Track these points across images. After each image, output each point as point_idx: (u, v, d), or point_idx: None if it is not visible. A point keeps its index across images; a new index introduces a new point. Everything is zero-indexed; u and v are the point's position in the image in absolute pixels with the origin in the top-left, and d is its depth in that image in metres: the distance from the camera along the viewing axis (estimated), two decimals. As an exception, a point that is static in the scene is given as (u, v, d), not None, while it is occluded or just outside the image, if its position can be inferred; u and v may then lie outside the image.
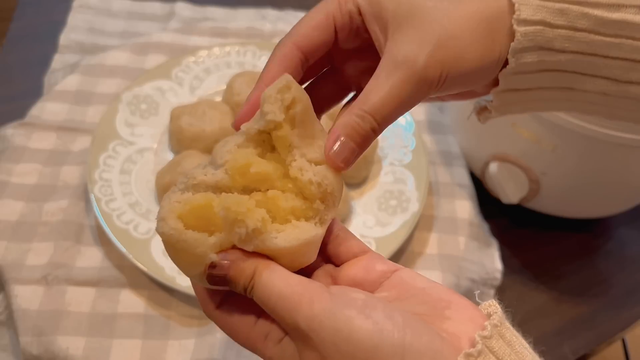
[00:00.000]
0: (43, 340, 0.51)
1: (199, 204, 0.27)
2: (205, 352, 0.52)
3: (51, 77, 0.75)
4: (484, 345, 0.25)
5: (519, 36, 0.30)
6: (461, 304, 0.27)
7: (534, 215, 0.66)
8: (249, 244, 0.26)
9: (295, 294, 0.26)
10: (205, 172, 0.28)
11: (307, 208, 0.29)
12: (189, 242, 0.26)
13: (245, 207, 0.26)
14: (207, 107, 0.66)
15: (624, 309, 0.62)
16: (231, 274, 0.27)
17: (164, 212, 0.27)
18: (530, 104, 0.35)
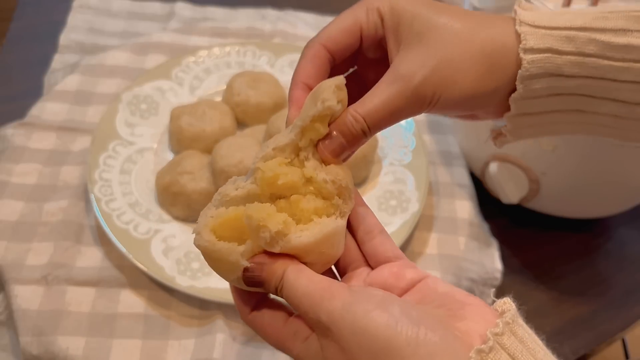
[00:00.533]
0: (43, 340, 0.51)
1: (229, 216, 0.30)
2: (205, 352, 0.52)
3: (51, 77, 0.75)
4: (495, 341, 0.25)
5: (526, 64, 0.32)
6: (475, 304, 0.28)
7: (534, 215, 0.66)
8: (275, 245, 0.29)
9: (318, 290, 0.28)
10: (236, 187, 0.31)
11: (328, 206, 0.31)
12: (222, 251, 0.29)
13: (266, 213, 0.29)
14: (207, 107, 0.66)
15: (624, 309, 0.62)
16: (264, 276, 0.29)
17: (199, 227, 0.30)
18: (544, 128, 0.36)
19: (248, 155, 0.59)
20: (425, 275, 0.31)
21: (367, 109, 0.31)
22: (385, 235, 0.33)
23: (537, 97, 0.33)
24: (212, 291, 0.53)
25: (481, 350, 0.25)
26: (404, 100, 0.31)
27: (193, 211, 0.59)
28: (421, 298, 0.30)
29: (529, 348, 0.26)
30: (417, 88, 0.31)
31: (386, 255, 0.32)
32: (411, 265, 0.32)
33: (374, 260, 0.33)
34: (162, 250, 0.56)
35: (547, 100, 0.33)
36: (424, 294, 0.30)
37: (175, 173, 0.59)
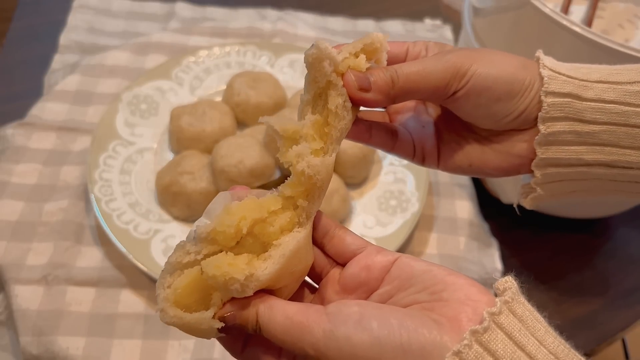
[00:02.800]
0: (43, 340, 0.51)
1: (188, 282, 0.29)
2: (205, 352, 0.52)
3: (51, 77, 0.75)
4: (492, 320, 0.25)
5: (546, 106, 0.33)
6: (457, 284, 0.27)
7: (534, 215, 0.66)
8: (248, 290, 0.28)
9: (296, 324, 0.27)
10: (187, 251, 0.29)
11: (292, 217, 0.30)
12: (192, 323, 0.28)
13: (227, 264, 0.27)
14: (207, 107, 0.66)
15: (624, 309, 0.62)
16: (238, 323, 0.29)
17: (161, 303, 0.28)
18: (575, 185, 0.36)
19: (248, 155, 0.59)
20: (395, 256, 0.30)
21: (403, 71, 0.33)
22: (342, 230, 0.32)
23: (562, 144, 0.34)
24: (212, 291, 0.53)
25: (475, 331, 0.25)
26: (440, 65, 0.33)
27: (193, 211, 0.59)
28: (400, 284, 0.29)
29: (528, 326, 0.26)
30: (456, 59, 0.33)
31: (350, 249, 0.32)
32: (378, 250, 0.31)
33: (341, 259, 0.32)
34: (162, 250, 0.56)
35: (573, 149, 0.34)
36: (402, 279, 0.29)
37: (175, 173, 0.59)
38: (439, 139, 0.38)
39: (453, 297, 0.27)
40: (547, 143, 0.34)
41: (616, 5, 0.58)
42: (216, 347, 0.52)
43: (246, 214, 0.29)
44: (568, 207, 0.65)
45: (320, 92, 0.32)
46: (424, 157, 0.38)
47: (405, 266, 0.30)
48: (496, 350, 0.25)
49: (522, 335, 0.25)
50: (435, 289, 0.28)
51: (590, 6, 0.54)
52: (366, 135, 0.37)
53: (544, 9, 0.50)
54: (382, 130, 0.37)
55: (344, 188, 0.61)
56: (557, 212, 0.65)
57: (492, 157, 0.36)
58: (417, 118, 0.39)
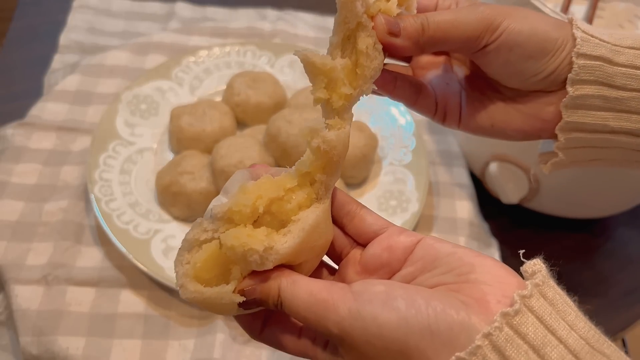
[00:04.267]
0: (43, 340, 0.51)
1: (207, 256, 0.28)
2: (205, 352, 0.52)
3: (51, 77, 0.75)
4: (523, 304, 0.25)
5: (577, 68, 0.32)
6: (486, 265, 0.27)
7: (534, 215, 0.66)
8: (267, 263, 0.27)
9: (320, 301, 0.26)
10: (204, 229, 0.29)
11: (310, 193, 0.30)
12: (212, 298, 0.28)
13: (245, 235, 0.27)
14: (207, 107, 0.66)
15: (624, 309, 0.62)
16: (259, 297, 0.28)
17: (180, 279, 0.28)
18: (598, 152, 0.35)
19: (248, 155, 0.59)
20: (419, 237, 0.30)
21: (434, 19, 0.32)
22: (364, 210, 0.32)
23: (589, 108, 0.33)
24: (212, 291, 0.53)
25: (506, 314, 0.24)
26: (473, 16, 0.32)
27: (193, 211, 0.59)
28: (423, 266, 0.28)
29: (559, 310, 0.25)
30: (489, 12, 0.32)
31: (372, 229, 0.31)
32: (400, 231, 0.30)
33: (362, 239, 0.32)
34: (162, 250, 0.56)
35: (600, 115, 0.33)
36: (426, 260, 0.28)
37: (175, 173, 0.59)
38: (462, 98, 0.37)
39: (480, 278, 0.26)
40: (574, 106, 0.33)
41: (616, 5, 0.58)
42: (216, 347, 0.52)
43: (262, 192, 0.29)
44: (568, 207, 0.65)
45: (350, 34, 0.31)
46: (445, 115, 0.38)
47: (430, 248, 0.29)
48: (527, 333, 0.24)
49: (553, 319, 0.25)
50: (461, 271, 0.27)
51: (590, 6, 0.54)
52: (391, 85, 0.36)
53: (544, 9, 0.50)
54: (406, 82, 0.37)
55: (343, 188, 0.61)
56: (557, 212, 0.65)
57: (515, 118, 0.36)
58: (442, 75, 0.38)
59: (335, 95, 0.30)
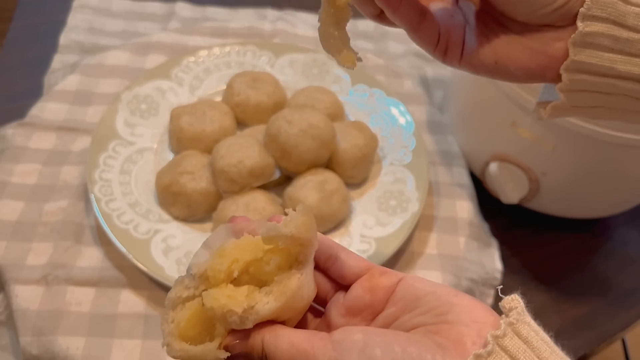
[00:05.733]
0: (43, 340, 0.51)
1: (190, 315, 0.29)
2: (205, 352, 0.52)
3: (51, 77, 0.75)
4: (496, 344, 0.25)
5: (589, 2, 0.30)
6: (462, 305, 0.27)
7: (534, 215, 0.66)
8: (247, 322, 0.28)
9: (302, 352, 0.27)
10: (186, 286, 0.30)
11: (289, 257, 0.30)
12: (197, 356, 0.29)
13: (226, 296, 0.28)
14: (207, 107, 0.66)
15: (624, 309, 0.62)
16: (245, 351, 0.29)
17: (166, 338, 0.29)
18: (602, 99, 0.34)
19: (248, 155, 0.59)
20: (399, 277, 0.30)
21: None
22: (344, 252, 0.32)
23: (597, 48, 0.31)
24: (212, 291, 0.53)
25: (479, 355, 0.25)
26: None
27: (193, 211, 0.59)
28: (405, 305, 0.29)
29: (534, 347, 0.25)
30: None
31: (353, 272, 0.31)
32: (381, 272, 0.31)
33: (345, 281, 0.32)
34: (162, 250, 0.56)
35: (607, 57, 0.32)
36: (407, 300, 0.29)
37: (175, 173, 0.59)
38: (466, 33, 0.36)
39: (458, 319, 0.27)
40: (583, 44, 0.31)
41: None
42: (216, 347, 0.52)
43: (239, 255, 0.29)
44: (568, 207, 0.65)
45: None
46: (447, 48, 0.36)
47: (410, 287, 0.29)
48: None
49: (527, 357, 0.25)
50: (440, 311, 0.27)
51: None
52: (396, 1, 0.34)
53: None
54: (412, 3, 0.34)
55: (344, 188, 0.61)
56: (557, 212, 0.65)
57: (521, 53, 0.34)
58: (446, 7, 0.36)
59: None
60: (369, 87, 0.73)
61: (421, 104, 0.75)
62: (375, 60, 0.80)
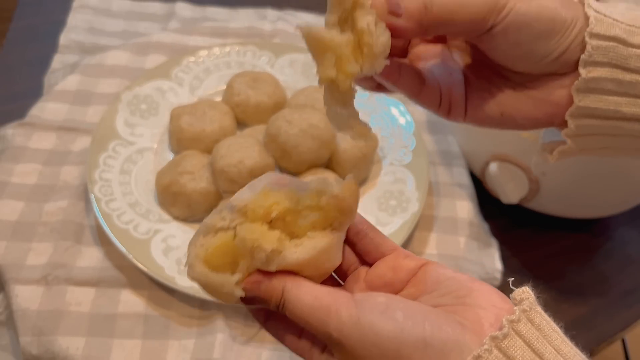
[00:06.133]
0: (43, 340, 0.51)
1: (220, 243, 0.29)
2: (205, 352, 0.52)
3: (51, 77, 0.75)
4: (511, 328, 0.25)
5: (590, 49, 0.31)
6: (482, 290, 0.28)
7: (534, 215, 0.66)
8: (271, 264, 0.28)
9: (324, 306, 0.27)
10: (222, 217, 0.30)
11: (325, 218, 0.30)
12: (215, 283, 0.29)
13: (259, 233, 0.28)
14: (207, 107, 0.66)
15: (624, 309, 0.62)
16: (262, 295, 0.29)
17: (190, 259, 0.29)
18: (610, 140, 0.34)
19: (248, 156, 0.59)
20: (423, 262, 0.31)
21: None
22: (374, 231, 0.33)
23: (602, 93, 0.32)
24: (212, 291, 0.53)
25: (495, 337, 0.25)
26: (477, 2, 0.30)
27: (193, 211, 0.59)
28: (424, 288, 0.29)
29: (546, 335, 0.26)
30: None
31: (380, 250, 0.32)
32: (406, 255, 0.32)
33: (369, 258, 0.32)
34: (162, 250, 0.56)
35: (612, 100, 0.32)
36: (427, 283, 0.30)
37: (175, 173, 0.59)
38: (467, 87, 0.36)
39: (476, 302, 0.27)
40: (587, 90, 0.32)
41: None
42: (216, 347, 0.52)
43: (281, 201, 0.29)
44: (568, 207, 0.65)
45: (346, 15, 0.30)
46: (450, 107, 0.36)
47: (432, 271, 0.30)
48: (515, 356, 0.25)
49: (540, 343, 0.26)
50: (459, 294, 0.28)
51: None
52: (396, 74, 0.34)
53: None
54: (410, 72, 0.35)
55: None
56: (557, 212, 0.65)
57: (526, 104, 0.34)
58: (443, 65, 0.36)
59: (342, 75, 0.30)
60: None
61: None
62: (375, 60, 0.80)
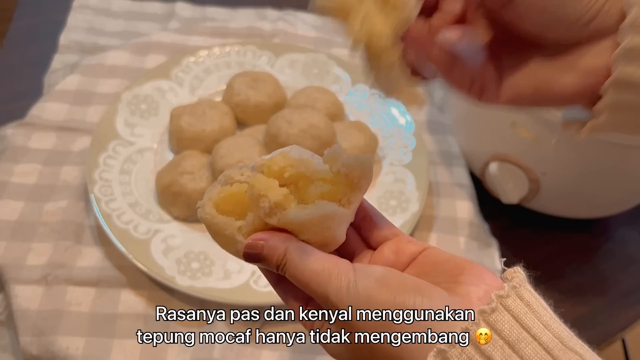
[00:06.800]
0: (43, 340, 0.51)
1: (233, 191, 0.31)
2: (205, 352, 0.52)
3: (51, 77, 0.75)
4: (499, 303, 0.26)
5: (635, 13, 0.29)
6: (475, 269, 0.29)
7: (534, 215, 0.66)
8: (273, 216, 0.29)
9: (325, 270, 0.28)
10: (242, 173, 0.32)
11: (335, 192, 0.31)
12: (219, 225, 0.30)
13: (268, 184, 0.30)
14: (207, 107, 0.66)
15: (624, 309, 0.62)
16: (264, 253, 0.29)
17: (203, 201, 0.31)
18: None
19: (248, 156, 0.59)
20: (424, 246, 0.32)
21: None
22: (380, 217, 0.34)
23: None
24: (212, 291, 0.53)
25: (483, 311, 0.26)
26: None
27: (193, 211, 0.59)
28: (423, 270, 0.31)
29: (534, 311, 0.27)
30: None
31: (384, 235, 0.33)
32: (409, 240, 0.33)
33: (374, 242, 0.33)
34: (162, 250, 0.56)
35: None
36: (426, 266, 0.31)
37: (175, 173, 0.59)
38: (497, 66, 0.34)
39: (468, 280, 0.28)
40: (628, 57, 0.29)
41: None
42: (216, 347, 0.52)
43: (296, 165, 0.31)
44: (568, 207, 0.65)
45: None
46: (482, 88, 0.34)
47: (431, 255, 0.31)
48: (502, 330, 0.26)
49: (528, 318, 0.26)
50: (453, 273, 0.29)
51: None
52: (428, 43, 0.33)
53: None
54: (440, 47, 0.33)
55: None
56: (557, 212, 0.65)
57: (563, 75, 0.32)
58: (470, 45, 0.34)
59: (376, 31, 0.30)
60: (369, 87, 0.73)
61: (421, 104, 0.75)
62: (375, 60, 0.80)
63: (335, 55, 0.76)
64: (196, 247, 0.57)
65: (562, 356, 0.26)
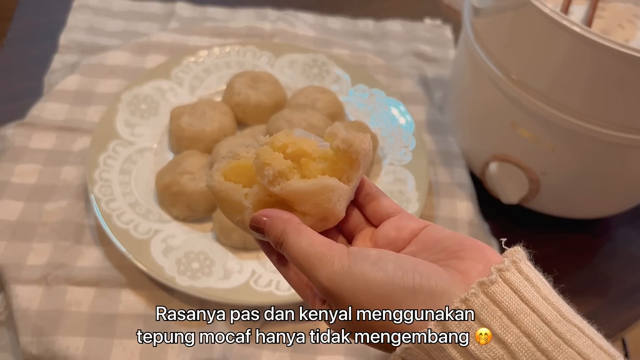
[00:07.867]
0: (43, 340, 0.51)
1: (240, 163, 0.33)
2: (205, 352, 0.52)
3: (51, 77, 0.75)
4: (499, 276, 0.27)
5: None
6: (475, 246, 0.29)
7: (534, 215, 0.66)
8: (276, 185, 0.31)
9: (319, 253, 0.29)
10: (247, 150, 0.34)
11: (335, 170, 0.32)
12: (227, 191, 0.32)
13: (273, 155, 0.31)
14: (207, 107, 0.66)
15: (624, 309, 0.62)
16: (266, 228, 0.31)
17: (212, 171, 0.33)
18: None
19: (248, 155, 0.59)
20: (426, 224, 0.32)
21: None
22: (382, 194, 0.34)
23: None
24: (212, 291, 0.53)
25: (482, 283, 0.26)
26: None
27: (193, 211, 0.59)
28: (424, 246, 0.31)
29: (534, 285, 0.27)
30: None
31: (386, 212, 0.33)
32: (410, 217, 0.33)
33: (376, 220, 0.34)
34: (162, 250, 0.56)
35: None
36: (426, 242, 0.31)
37: (175, 173, 0.59)
38: None
39: (469, 256, 0.28)
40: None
41: (616, 5, 0.58)
42: (216, 347, 0.52)
43: (299, 142, 0.32)
44: (568, 207, 0.65)
45: None
46: None
47: (432, 231, 0.32)
48: (502, 301, 0.26)
49: (527, 291, 0.27)
50: (454, 249, 0.29)
51: (590, 6, 0.54)
52: None
53: (543, 9, 0.50)
54: None
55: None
56: (557, 212, 0.65)
57: None
58: None
59: None
60: (369, 87, 0.73)
61: (421, 104, 0.75)
62: (375, 60, 0.80)
63: (335, 55, 0.77)
64: (196, 247, 0.57)
65: (561, 328, 0.26)
